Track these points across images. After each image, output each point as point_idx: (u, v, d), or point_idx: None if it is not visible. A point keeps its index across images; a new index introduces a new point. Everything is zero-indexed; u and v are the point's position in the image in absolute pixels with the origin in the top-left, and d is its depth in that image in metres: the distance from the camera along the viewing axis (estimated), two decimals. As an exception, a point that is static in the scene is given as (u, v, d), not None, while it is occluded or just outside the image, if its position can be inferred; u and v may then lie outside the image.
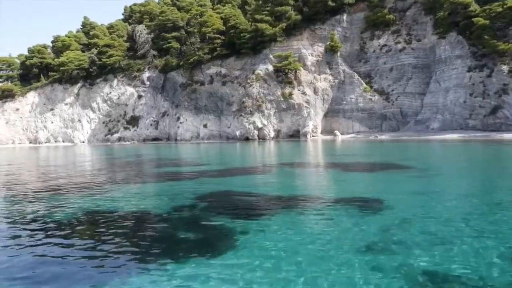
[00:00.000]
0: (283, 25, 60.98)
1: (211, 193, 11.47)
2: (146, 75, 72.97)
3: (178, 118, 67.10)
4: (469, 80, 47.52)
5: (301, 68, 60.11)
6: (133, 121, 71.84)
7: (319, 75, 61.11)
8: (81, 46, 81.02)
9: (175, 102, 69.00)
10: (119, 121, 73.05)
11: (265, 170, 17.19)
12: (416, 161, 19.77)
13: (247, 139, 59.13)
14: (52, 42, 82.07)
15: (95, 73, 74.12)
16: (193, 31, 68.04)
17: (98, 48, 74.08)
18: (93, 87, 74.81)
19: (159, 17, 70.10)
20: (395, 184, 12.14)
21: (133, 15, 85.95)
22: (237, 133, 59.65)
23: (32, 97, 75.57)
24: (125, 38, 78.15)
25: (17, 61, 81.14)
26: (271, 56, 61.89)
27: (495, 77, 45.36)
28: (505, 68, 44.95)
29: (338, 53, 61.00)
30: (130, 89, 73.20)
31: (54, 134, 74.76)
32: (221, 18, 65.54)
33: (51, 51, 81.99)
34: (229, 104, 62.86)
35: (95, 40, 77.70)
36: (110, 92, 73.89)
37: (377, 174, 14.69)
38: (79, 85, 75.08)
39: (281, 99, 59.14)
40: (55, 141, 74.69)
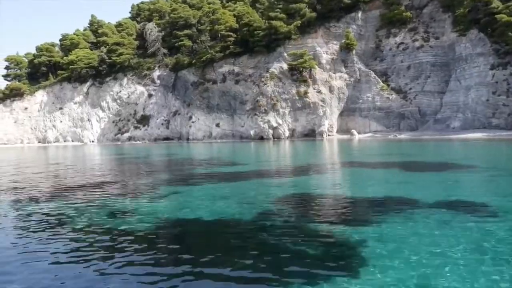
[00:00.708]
0: (298, 22, 60.01)
1: (285, 195, 10.50)
2: (157, 73, 71.99)
3: (190, 117, 66.09)
4: (492, 78, 46.51)
5: (316, 67, 59.13)
6: (144, 120, 70.84)
7: (334, 73, 60.11)
8: (89, 45, 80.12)
9: (186, 101, 67.98)
10: (129, 120, 72.07)
11: (319, 170, 16.19)
12: (473, 160, 18.81)
13: (261, 138, 58.12)
14: (60, 40, 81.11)
15: (104, 71, 73.09)
16: (205, 28, 66.98)
17: (108, 47, 73.06)
18: (102, 86, 73.81)
19: (171, 15, 69.08)
20: (484, 185, 11.16)
21: (141, 13, 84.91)
22: (251, 132, 58.64)
23: (41, 96, 74.60)
24: (134, 36, 77.17)
25: (25, 59, 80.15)
26: (285, 54, 60.91)
27: (520, 75, 44.40)
28: (530, 65, 43.97)
29: (354, 51, 60.01)
30: (140, 88, 72.20)
31: (63, 133, 73.79)
32: (234, 16, 64.54)
33: (59, 49, 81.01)
34: (243, 103, 61.86)
35: (104, 38, 76.69)
36: (120, 91, 72.89)
37: (450, 174, 13.63)
38: (88, 83, 74.10)
39: (296, 97, 58.15)
40: (64, 141, 73.71)
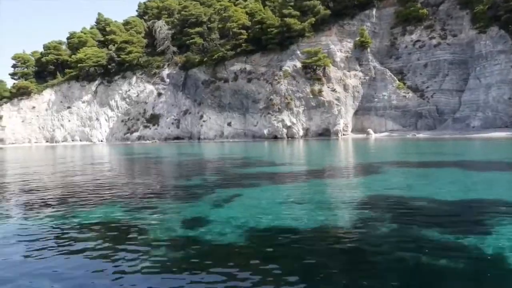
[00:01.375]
0: (312, 19, 59.04)
1: (361, 197, 9.52)
2: (166, 72, 71.04)
3: (201, 117, 65.11)
4: (514, 76, 45.57)
5: (330, 65, 58.17)
6: (153, 119, 69.86)
7: (348, 71, 59.17)
8: (97, 43, 79.17)
9: (197, 100, 67.00)
10: (138, 119, 71.09)
11: (371, 170, 15.18)
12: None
13: (275, 137, 57.18)
14: (68, 38, 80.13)
15: (113, 70, 72.10)
16: (217, 26, 65.97)
17: (117, 45, 72.06)
18: (111, 85, 72.83)
19: (182, 12, 68.06)
20: None
21: (149, 12, 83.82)
22: (264, 131, 57.69)
23: (49, 94, 73.62)
24: (143, 35, 76.19)
25: (31, 58, 79.14)
26: (298, 52, 59.97)
27: (543, 72, 43.45)
28: (554, 63, 43.01)
29: (368, 49, 59.06)
30: (150, 87, 71.24)
31: (71, 133, 72.82)
32: (246, 13, 63.54)
33: (66, 47, 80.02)
34: (255, 101, 60.89)
35: (112, 37, 75.72)
36: (129, 90, 71.92)
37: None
38: (96, 82, 73.14)
39: (310, 96, 57.18)
40: (72, 140, 72.75)
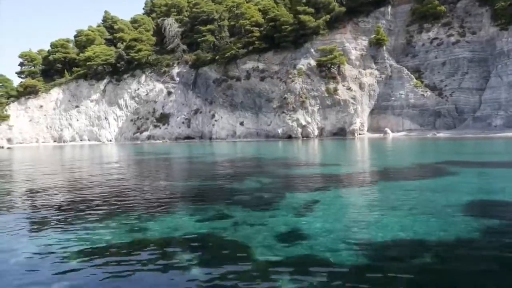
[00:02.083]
0: (327, 17, 57.92)
1: (466, 201, 8.41)
2: (176, 70, 69.89)
3: (212, 116, 63.94)
4: (538, 74, 44.44)
5: (345, 63, 57.04)
6: (163, 118, 68.68)
7: (364, 69, 58.02)
8: (104, 41, 78.01)
9: (208, 99, 65.82)
10: (147, 118, 69.92)
11: (446, 171, 14.05)
12: None
13: (289, 137, 56.04)
14: (75, 36, 78.93)
15: (122, 68, 70.91)
16: (228, 24, 64.78)
17: (126, 43, 70.90)
18: (120, 83, 71.65)
19: (193, 9, 66.84)
20: None
21: (156, 9, 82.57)
22: (279, 131, 56.55)
23: (56, 93, 72.44)
24: (152, 32, 75.03)
25: (38, 56, 77.95)
26: (313, 50, 58.85)
27: None
28: None
29: (384, 47, 57.93)
30: (159, 85, 70.09)
31: (79, 132, 71.65)
32: (259, 10, 62.36)
33: (73, 46, 78.85)
34: (269, 100, 59.74)
35: (120, 35, 74.59)
36: (138, 89, 70.77)
37: None
38: (105, 81, 71.96)
39: (326, 95, 56.05)
40: (81, 140, 71.59)
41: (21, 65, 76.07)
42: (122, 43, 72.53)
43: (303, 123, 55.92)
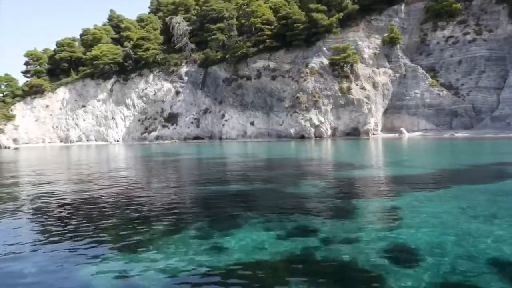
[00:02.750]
0: (339, 15, 56.90)
1: None
2: (184, 69, 68.86)
3: (222, 116, 62.87)
4: (560, 73, 43.41)
5: (358, 61, 56.02)
6: (172, 118, 67.61)
7: (377, 68, 57.00)
8: (110, 40, 76.94)
9: (217, 99, 64.77)
10: (155, 118, 68.86)
11: (506, 172, 13.04)
12: None
13: (302, 137, 54.98)
14: (81, 35, 77.87)
15: (129, 67, 69.83)
16: (239, 22, 63.67)
17: (133, 42, 69.84)
18: (127, 83, 70.59)
19: (203, 7, 65.79)
20: None
21: (162, 8, 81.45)
22: (291, 131, 55.48)
23: (63, 93, 71.36)
24: (159, 31, 73.96)
25: (44, 55, 76.87)
26: (325, 48, 57.85)
27: None
28: None
29: (398, 46, 56.91)
30: (167, 85, 69.04)
31: (86, 132, 70.57)
32: (270, 8, 61.32)
33: (79, 44, 77.79)
34: (280, 100, 58.69)
35: (127, 33, 73.54)
36: (146, 88, 69.71)
37: None
38: (112, 80, 70.88)
39: (339, 94, 55.01)
40: (87, 140, 70.51)
41: (26, 64, 75.02)
42: (129, 42, 71.51)
43: (316, 123, 54.87)
